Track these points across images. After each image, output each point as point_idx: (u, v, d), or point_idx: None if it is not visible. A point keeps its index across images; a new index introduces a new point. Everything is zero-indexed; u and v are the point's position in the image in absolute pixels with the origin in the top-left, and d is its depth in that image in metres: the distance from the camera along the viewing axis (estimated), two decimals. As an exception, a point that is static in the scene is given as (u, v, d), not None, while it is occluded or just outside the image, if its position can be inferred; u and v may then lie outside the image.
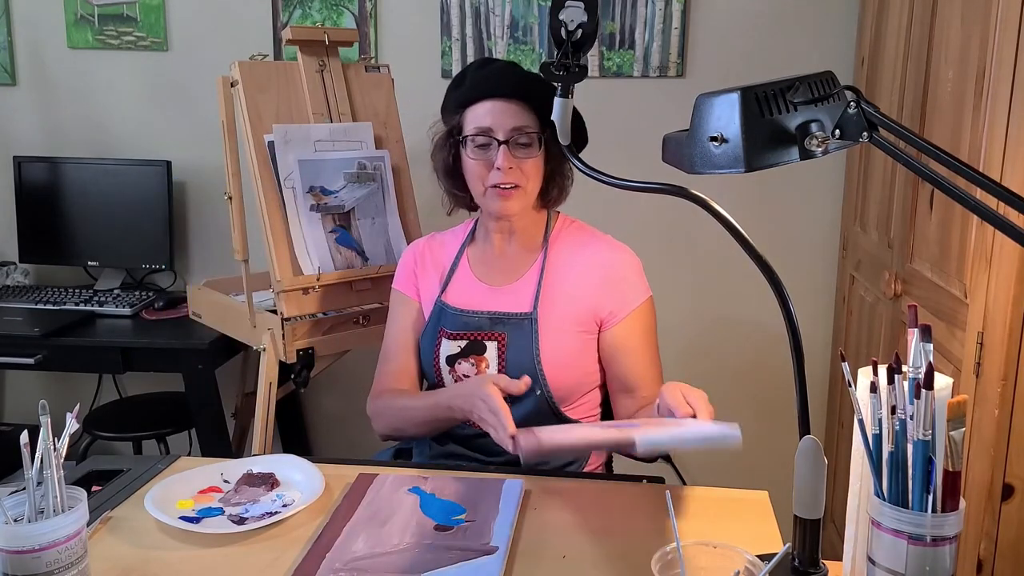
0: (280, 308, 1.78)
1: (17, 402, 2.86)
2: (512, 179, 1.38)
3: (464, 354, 1.42)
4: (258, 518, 1.09)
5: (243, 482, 1.18)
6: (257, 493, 1.16)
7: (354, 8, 2.46)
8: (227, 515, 1.10)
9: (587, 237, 1.49)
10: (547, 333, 1.40)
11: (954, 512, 0.75)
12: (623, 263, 1.45)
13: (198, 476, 1.20)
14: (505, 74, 1.41)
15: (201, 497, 1.15)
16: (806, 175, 2.38)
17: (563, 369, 1.40)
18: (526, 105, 1.39)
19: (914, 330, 0.79)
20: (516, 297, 1.43)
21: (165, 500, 1.12)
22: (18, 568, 0.83)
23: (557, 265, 1.45)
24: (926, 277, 1.61)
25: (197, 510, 1.12)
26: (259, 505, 1.13)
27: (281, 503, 1.13)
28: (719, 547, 0.85)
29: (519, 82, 1.40)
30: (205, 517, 1.10)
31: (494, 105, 1.38)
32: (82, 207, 2.53)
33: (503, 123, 1.38)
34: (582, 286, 1.42)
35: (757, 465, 2.55)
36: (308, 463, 1.22)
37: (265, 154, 1.80)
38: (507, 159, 1.37)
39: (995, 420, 1.32)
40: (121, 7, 2.54)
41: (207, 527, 1.07)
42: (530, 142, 1.39)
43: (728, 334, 2.55)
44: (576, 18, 0.90)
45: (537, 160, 1.40)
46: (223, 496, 1.16)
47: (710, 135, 0.78)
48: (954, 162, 0.76)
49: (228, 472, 1.22)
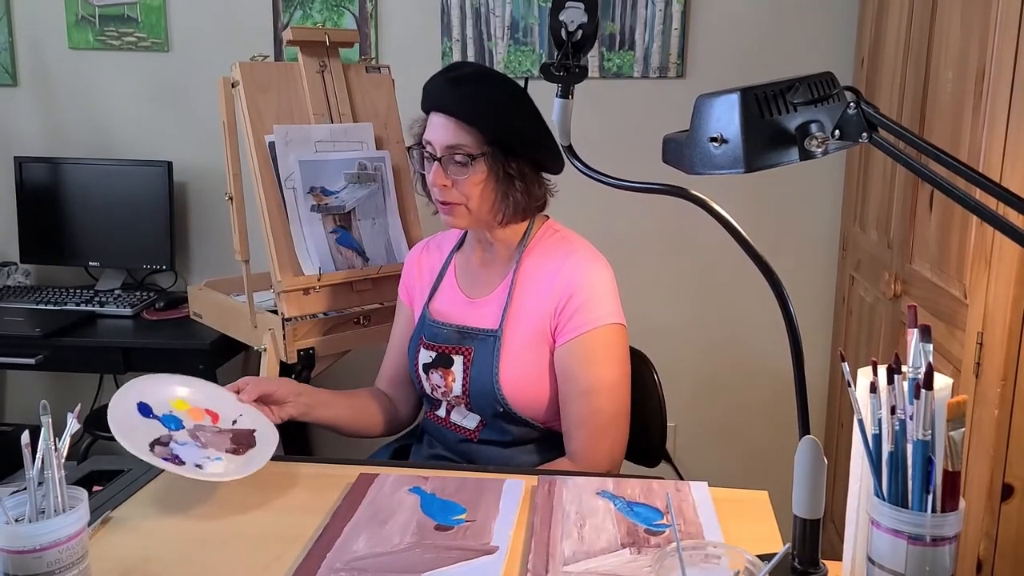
0: (281, 308, 1.79)
1: (18, 402, 2.86)
2: (447, 197, 1.35)
3: (435, 365, 1.43)
4: (177, 463, 1.11)
5: (222, 432, 1.20)
6: (218, 442, 1.17)
7: (354, 9, 2.47)
8: (171, 449, 1.13)
9: (562, 250, 1.40)
10: (510, 352, 1.36)
11: (954, 512, 0.75)
12: (586, 284, 1.35)
13: (217, 395, 1.24)
14: (451, 88, 1.33)
15: (196, 413, 1.18)
16: (806, 176, 2.38)
17: (523, 389, 1.37)
18: (465, 124, 1.32)
19: (914, 330, 0.79)
20: (487, 311, 1.41)
21: (167, 389, 1.17)
22: (19, 568, 0.83)
23: (525, 280, 1.40)
24: (926, 277, 1.61)
25: (177, 431, 1.15)
26: (195, 452, 1.14)
27: (214, 466, 1.14)
28: (719, 547, 0.85)
29: (461, 99, 1.33)
30: (173, 440, 1.14)
31: (438, 119, 1.34)
32: (83, 207, 2.53)
33: (441, 139, 1.33)
34: (545, 303, 1.37)
35: (757, 465, 2.55)
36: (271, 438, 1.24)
37: (266, 154, 1.80)
38: (438, 176, 1.34)
39: (995, 420, 1.32)
40: (122, 8, 2.55)
41: (149, 453, 1.10)
42: (464, 162, 1.33)
43: (728, 335, 2.56)
44: (576, 19, 0.90)
45: (475, 179, 1.33)
46: (200, 427, 1.19)
47: (710, 136, 0.78)
48: (954, 163, 0.76)
49: (228, 409, 1.25)
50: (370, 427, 1.53)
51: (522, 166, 1.36)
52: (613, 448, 1.36)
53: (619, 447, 1.38)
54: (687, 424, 2.58)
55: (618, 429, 1.37)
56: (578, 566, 0.96)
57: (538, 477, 1.20)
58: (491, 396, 1.36)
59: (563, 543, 1.01)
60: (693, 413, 2.57)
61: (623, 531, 1.04)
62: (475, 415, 1.42)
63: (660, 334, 2.41)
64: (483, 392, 1.37)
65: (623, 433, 1.38)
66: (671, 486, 1.17)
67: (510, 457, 1.41)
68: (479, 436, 1.43)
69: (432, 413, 1.49)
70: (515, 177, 1.35)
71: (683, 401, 2.53)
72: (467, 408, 1.42)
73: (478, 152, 1.32)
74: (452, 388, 1.41)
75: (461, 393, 1.40)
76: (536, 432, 1.41)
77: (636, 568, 0.96)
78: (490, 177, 1.34)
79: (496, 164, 1.33)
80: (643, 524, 1.06)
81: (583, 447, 1.35)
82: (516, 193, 1.36)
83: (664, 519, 1.07)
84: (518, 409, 1.37)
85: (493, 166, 1.34)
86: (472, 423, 1.43)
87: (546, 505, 1.11)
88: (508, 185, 1.36)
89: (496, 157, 1.33)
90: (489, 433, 1.42)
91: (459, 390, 1.40)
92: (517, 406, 1.37)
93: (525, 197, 1.37)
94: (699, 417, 2.58)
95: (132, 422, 1.15)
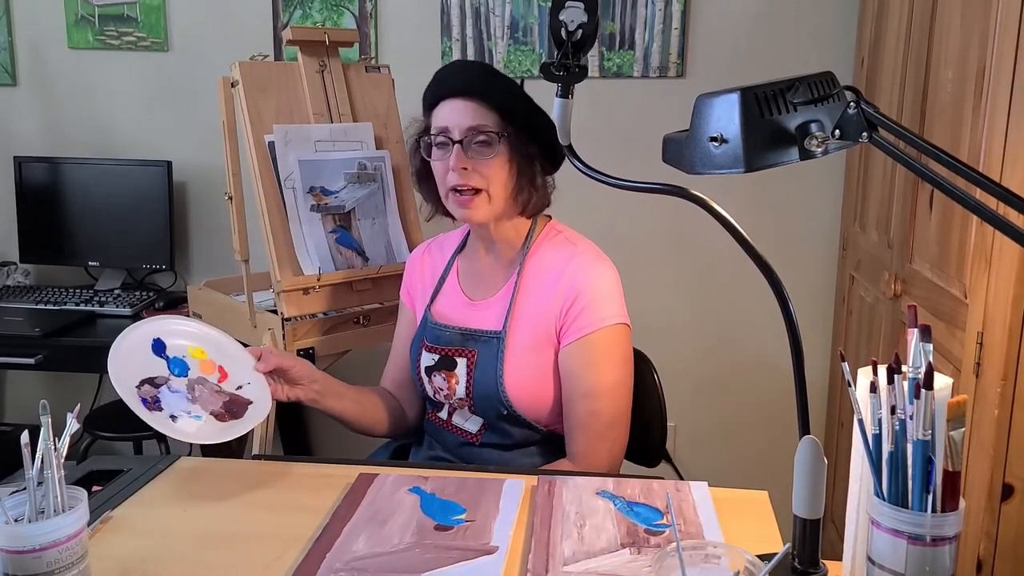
0: (280, 308, 1.78)
1: (17, 402, 2.86)
2: (468, 181, 1.32)
3: (438, 367, 1.43)
4: (155, 408, 1.10)
5: (220, 393, 1.19)
6: (209, 402, 1.16)
7: (354, 8, 2.46)
8: (159, 392, 1.12)
9: (566, 251, 1.39)
10: (513, 354, 1.36)
11: (954, 512, 0.75)
12: (590, 285, 1.34)
13: (237, 356, 1.25)
14: (464, 71, 1.37)
15: (208, 366, 1.17)
16: (806, 175, 2.38)
17: (528, 392, 1.36)
18: (486, 104, 1.32)
19: (914, 330, 0.79)
20: (490, 313, 1.40)
21: (191, 334, 1.18)
22: (18, 568, 0.83)
23: (529, 281, 1.39)
24: (926, 277, 1.61)
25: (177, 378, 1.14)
26: (180, 403, 1.13)
27: (188, 424, 1.13)
28: (719, 547, 0.85)
29: (475, 79, 1.34)
30: (167, 384, 1.14)
31: (453, 104, 1.34)
32: (83, 207, 2.53)
33: (459, 122, 1.33)
34: (549, 305, 1.36)
35: (757, 465, 2.55)
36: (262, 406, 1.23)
37: (265, 154, 1.80)
38: (460, 159, 1.32)
39: (995, 420, 1.32)
40: (122, 7, 2.55)
41: (133, 389, 1.10)
42: (489, 141, 1.32)
43: (728, 335, 2.56)
44: (576, 18, 0.90)
45: (499, 161, 1.33)
46: (202, 380, 1.17)
47: (710, 135, 0.78)
48: (954, 162, 0.76)
49: (239, 373, 1.24)
50: (376, 425, 1.51)
51: (537, 154, 1.37)
52: (612, 450, 1.36)
53: (618, 449, 1.38)
54: (687, 424, 2.58)
55: (618, 432, 1.37)
56: (578, 566, 0.96)
57: (538, 477, 1.20)
58: (495, 398, 1.36)
59: (563, 543, 1.01)
60: (693, 413, 2.57)
61: (623, 531, 1.04)
62: (478, 418, 1.42)
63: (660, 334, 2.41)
64: (487, 394, 1.37)
65: (623, 436, 1.38)
66: (671, 486, 1.17)
67: (511, 460, 1.41)
68: (481, 440, 1.43)
69: (433, 415, 1.49)
70: (536, 159, 1.36)
71: (683, 401, 2.52)
72: (470, 411, 1.41)
73: (500, 131, 1.33)
74: (456, 391, 1.40)
75: (465, 396, 1.40)
76: (538, 435, 1.41)
77: (636, 568, 0.96)
78: (512, 158, 1.34)
79: (519, 144, 1.34)
80: (643, 524, 1.06)
81: (583, 449, 1.35)
82: (537, 178, 1.37)
83: (664, 519, 1.07)
84: (522, 411, 1.37)
85: (516, 146, 1.34)
86: (474, 426, 1.43)
87: (546, 505, 1.11)
88: (529, 168, 1.36)
89: (518, 138, 1.33)
90: (491, 436, 1.42)
91: (463, 392, 1.40)
92: (521, 408, 1.36)
93: (541, 187, 1.38)
94: (699, 417, 2.58)
95: (136, 355, 1.14)
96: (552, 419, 1.39)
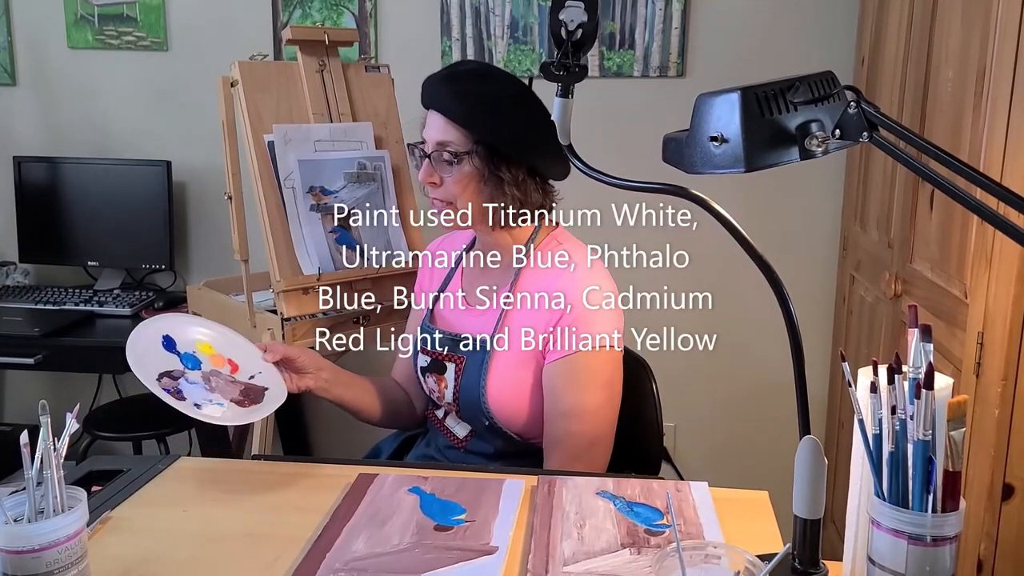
0: (280, 308, 1.78)
1: (17, 402, 2.86)
2: (435, 195, 1.35)
3: (430, 369, 1.43)
4: (178, 399, 1.12)
5: (235, 383, 1.20)
6: (228, 391, 1.18)
7: (354, 8, 2.46)
8: (178, 383, 1.14)
9: (562, 263, 1.37)
10: (498, 366, 1.35)
11: (954, 512, 0.75)
12: (581, 303, 1.32)
13: (244, 348, 1.25)
14: (445, 85, 1.33)
15: (218, 360, 1.18)
16: (806, 175, 2.38)
17: (510, 404, 1.35)
18: (453, 121, 1.31)
19: (914, 330, 0.78)
20: (482, 321, 1.39)
21: (197, 330, 1.19)
22: (18, 568, 0.83)
23: (522, 292, 1.37)
24: (926, 277, 1.61)
25: (192, 371, 1.15)
26: (201, 392, 1.15)
27: (213, 409, 1.14)
28: (719, 547, 0.85)
29: (451, 96, 1.32)
30: (184, 377, 1.15)
31: (431, 116, 1.35)
32: (82, 207, 2.53)
33: (431, 135, 1.34)
34: (538, 319, 1.34)
35: (757, 465, 2.55)
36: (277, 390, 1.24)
37: (265, 154, 1.80)
38: (427, 173, 1.34)
39: (995, 420, 1.32)
40: (121, 7, 2.54)
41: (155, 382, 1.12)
42: (451, 160, 1.32)
43: (727, 334, 2.55)
44: (576, 18, 0.90)
45: (464, 179, 1.32)
46: (216, 372, 1.19)
47: (710, 135, 0.78)
48: (954, 162, 0.76)
49: (250, 363, 1.25)
50: (384, 416, 1.50)
51: (517, 170, 1.33)
52: (589, 470, 1.32)
53: (596, 469, 1.34)
54: (687, 424, 2.58)
55: (596, 453, 1.34)
56: (578, 566, 0.96)
57: (538, 477, 1.19)
58: (478, 408, 1.36)
59: (563, 543, 1.01)
60: (693, 413, 2.57)
61: (623, 531, 1.04)
62: (466, 424, 1.42)
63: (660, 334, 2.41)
64: (471, 403, 1.36)
65: (602, 457, 1.35)
66: (671, 486, 1.16)
67: (494, 471, 1.40)
68: (466, 447, 1.42)
69: (432, 413, 1.49)
70: (506, 181, 1.32)
71: (683, 401, 2.52)
72: (458, 416, 1.42)
73: (464, 151, 1.31)
74: (444, 395, 1.41)
75: (452, 401, 1.40)
76: (521, 447, 1.40)
77: (636, 568, 0.96)
78: (475, 177, 1.32)
79: (483, 165, 1.31)
80: (643, 524, 1.06)
81: (558, 467, 1.32)
82: (506, 198, 1.33)
83: (664, 519, 1.07)
84: (503, 423, 1.36)
85: (480, 167, 1.32)
86: (462, 431, 1.43)
87: (546, 505, 1.11)
88: (496, 188, 1.33)
89: (484, 158, 1.31)
90: (477, 444, 1.41)
91: (450, 398, 1.40)
92: (502, 420, 1.36)
93: (518, 203, 1.34)
94: (699, 417, 2.58)
95: (151, 350, 1.17)
96: (535, 433, 1.38)
